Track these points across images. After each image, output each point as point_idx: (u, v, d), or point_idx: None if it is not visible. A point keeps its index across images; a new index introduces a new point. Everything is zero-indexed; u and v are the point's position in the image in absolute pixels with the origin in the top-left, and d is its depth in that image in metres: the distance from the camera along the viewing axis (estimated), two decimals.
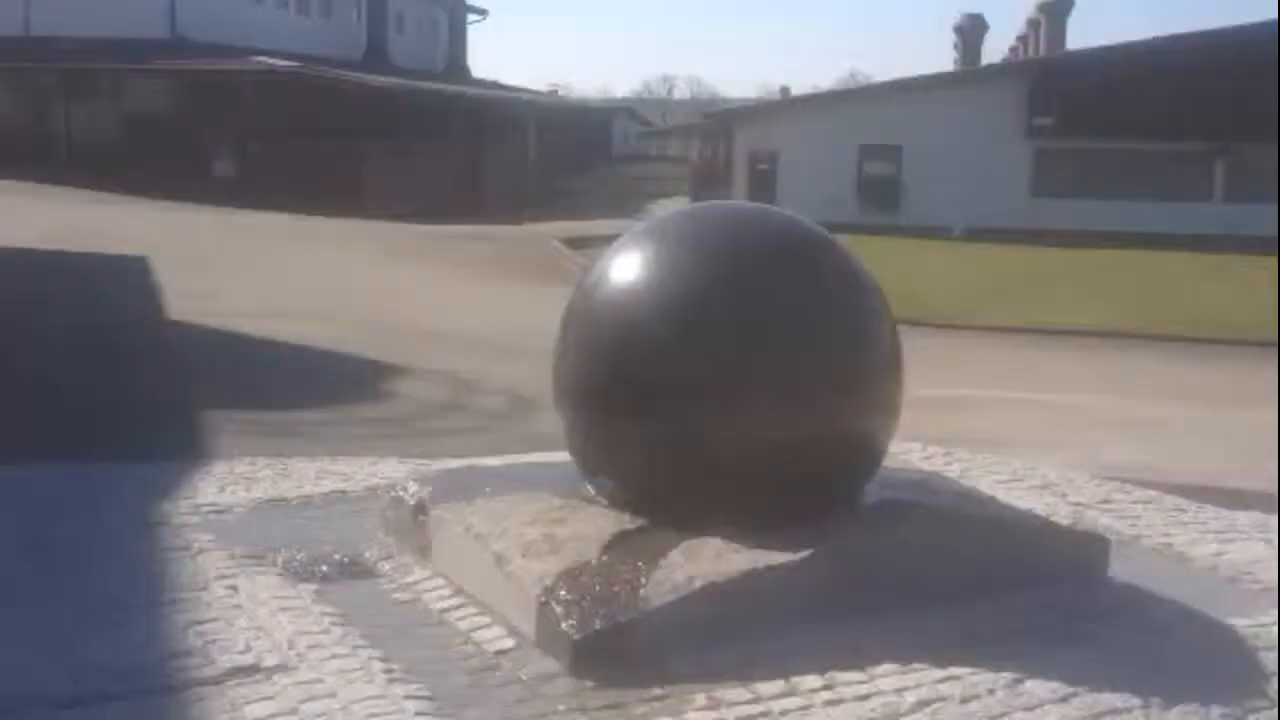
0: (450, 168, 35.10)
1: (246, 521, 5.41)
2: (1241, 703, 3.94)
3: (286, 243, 23.25)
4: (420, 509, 5.01)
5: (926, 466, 6.46)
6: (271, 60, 35.25)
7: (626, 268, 4.79)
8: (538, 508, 4.74)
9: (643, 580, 4.18)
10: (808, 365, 4.61)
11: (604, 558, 4.32)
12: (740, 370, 4.56)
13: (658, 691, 3.84)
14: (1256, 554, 5.38)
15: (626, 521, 4.59)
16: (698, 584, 4.14)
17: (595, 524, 4.57)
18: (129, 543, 5.05)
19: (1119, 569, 4.92)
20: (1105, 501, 6.09)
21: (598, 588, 4.15)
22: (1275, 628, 4.46)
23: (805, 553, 4.30)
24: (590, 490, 4.89)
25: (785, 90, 52.59)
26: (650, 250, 4.81)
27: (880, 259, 22.91)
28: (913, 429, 7.83)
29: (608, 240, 5.13)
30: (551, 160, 44.73)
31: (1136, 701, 3.88)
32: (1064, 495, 6.12)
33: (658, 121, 63.80)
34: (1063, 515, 5.68)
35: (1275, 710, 3.91)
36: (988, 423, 10.89)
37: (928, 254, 27.53)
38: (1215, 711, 3.88)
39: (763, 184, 33.62)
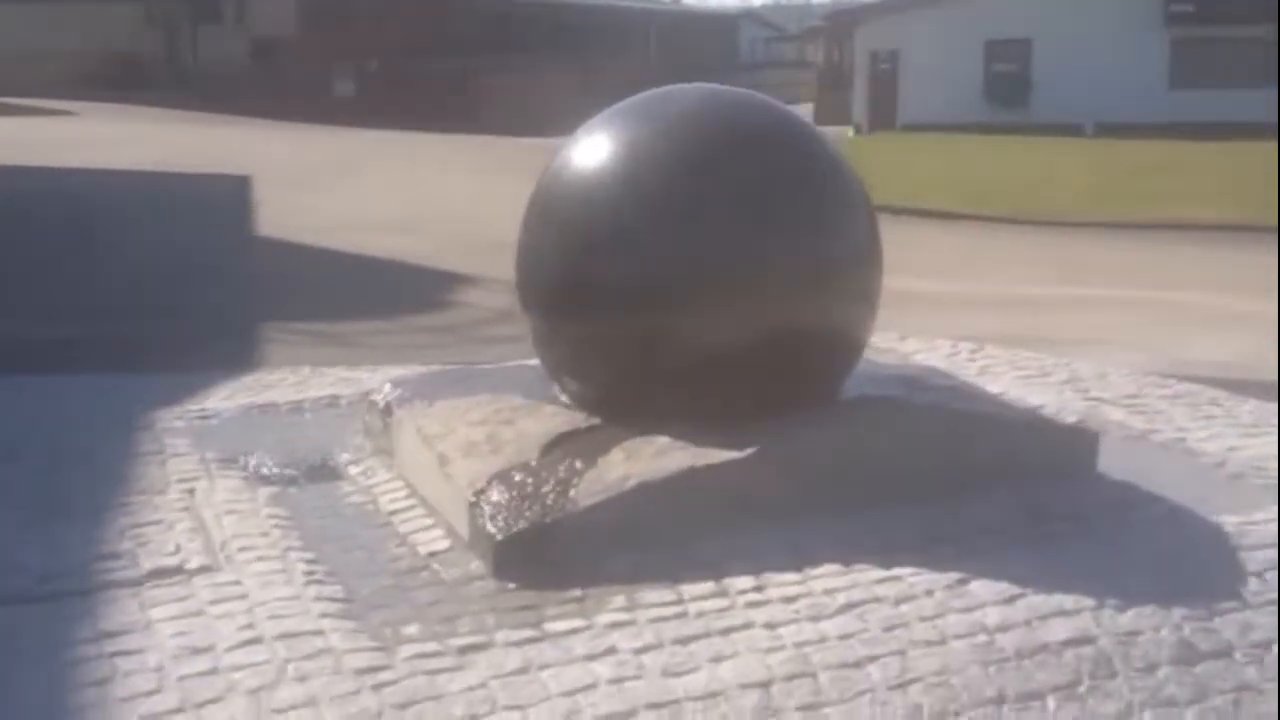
0: (563, 80, 34.92)
1: (230, 427, 5.40)
2: (1209, 605, 3.65)
3: (391, 159, 23.38)
4: (387, 411, 4.93)
5: (944, 364, 6.17)
6: None
7: (585, 156, 4.58)
8: (493, 409, 4.61)
9: (576, 480, 4.03)
10: (775, 255, 4.36)
11: (543, 458, 4.17)
12: (703, 262, 4.32)
13: (577, 594, 3.70)
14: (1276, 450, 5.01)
15: (580, 421, 4.44)
16: (631, 483, 3.97)
17: (546, 424, 4.42)
18: (104, 448, 5.05)
19: (1117, 465, 4.61)
20: (1132, 396, 5.74)
21: (530, 488, 4.01)
22: (1274, 525, 4.14)
23: (750, 450, 4.09)
24: (558, 393, 4.74)
25: None
26: (612, 136, 4.57)
27: (1005, 158, 22.19)
28: (1001, 329, 7.56)
29: None
30: (673, 71, 44.16)
31: (1089, 603, 3.62)
32: (1085, 391, 5.78)
33: (790, 27, 62.45)
34: (1073, 411, 5.37)
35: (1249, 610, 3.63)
36: (1079, 321, 10.45)
37: (1057, 151, 26.52)
38: (1177, 613, 3.61)
39: (883, 85, 32.76)
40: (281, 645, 3.39)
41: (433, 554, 4.03)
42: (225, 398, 5.99)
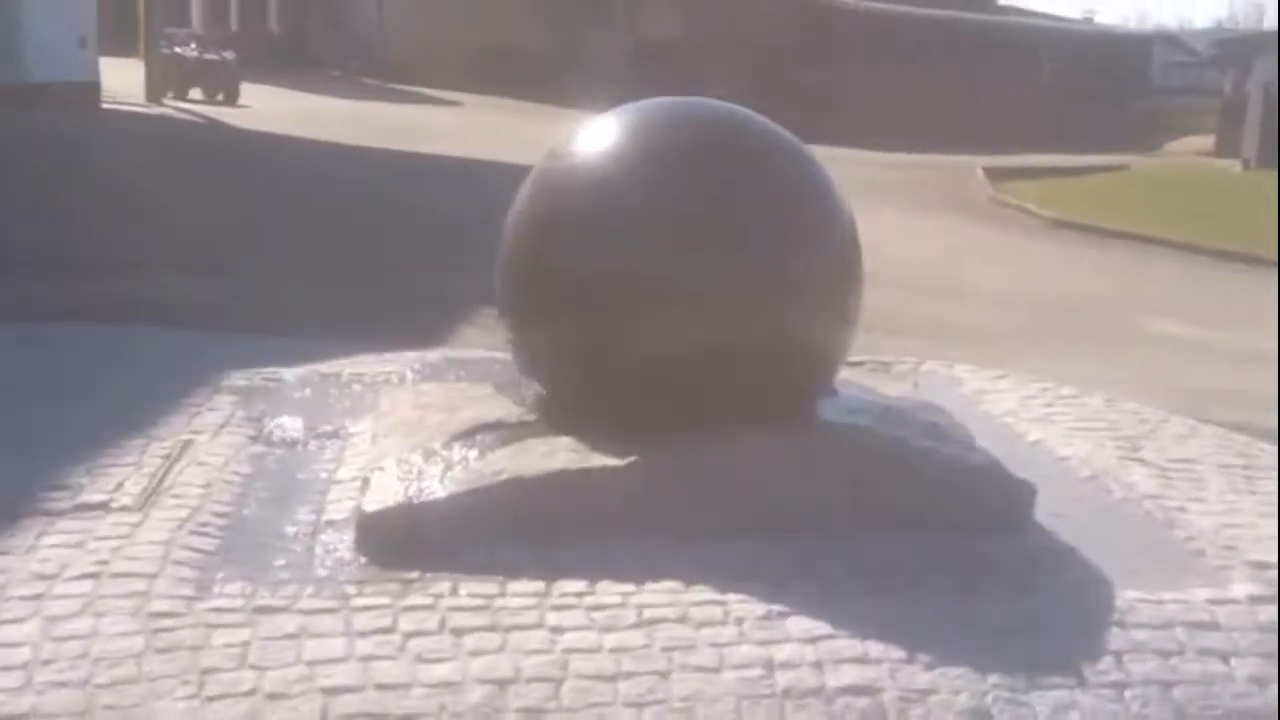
0: (939, 97, 34.27)
1: (284, 391, 5.77)
2: (1035, 678, 3.37)
3: None
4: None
5: (1012, 406, 5.81)
6: None
7: (554, 160, 4.68)
8: (449, 396, 4.78)
9: (460, 469, 4.13)
10: (722, 267, 4.30)
11: (448, 444, 4.29)
12: (644, 269, 4.31)
13: (413, 575, 3.80)
14: None
15: (513, 415, 4.53)
16: (502, 477, 4.04)
17: (479, 414, 4.54)
18: (160, 398, 5.51)
19: (1073, 528, 4.28)
20: (1186, 461, 5.17)
21: (417, 470, 4.15)
22: (1173, 608, 3.73)
23: (630, 459, 4.07)
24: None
25: None
26: (584, 142, 4.65)
27: None
28: (1194, 382, 6.90)
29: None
30: (1071, 91, 42.50)
31: (898, 655, 3.43)
32: (1137, 449, 5.21)
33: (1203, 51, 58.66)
34: (1094, 467, 4.98)
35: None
36: None
37: None
38: (990, 680, 3.36)
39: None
40: (110, 582, 3.68)
41: (330, 522, 4.22)
42: (317, 366, 6.35)
